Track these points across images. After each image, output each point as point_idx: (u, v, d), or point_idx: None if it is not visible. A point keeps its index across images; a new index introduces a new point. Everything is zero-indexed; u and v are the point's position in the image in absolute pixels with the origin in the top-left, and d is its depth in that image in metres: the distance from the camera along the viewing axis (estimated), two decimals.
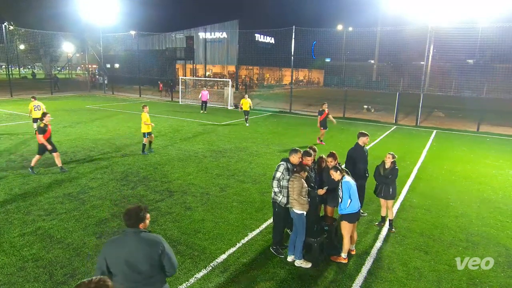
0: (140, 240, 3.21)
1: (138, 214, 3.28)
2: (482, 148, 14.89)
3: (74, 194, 8.13)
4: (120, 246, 3.19)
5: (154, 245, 3.20)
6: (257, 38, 47.54)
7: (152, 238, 3.26)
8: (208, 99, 23.70)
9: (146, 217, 3.34)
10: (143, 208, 3.34)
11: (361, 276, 5.38)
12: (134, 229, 3.25)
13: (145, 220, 3.32)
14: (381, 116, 24.09)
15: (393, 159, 6.70)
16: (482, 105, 21.49)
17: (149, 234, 3.29)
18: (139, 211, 3.30)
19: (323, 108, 14.28)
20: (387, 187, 6.72)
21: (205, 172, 10.10)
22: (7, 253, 5.62)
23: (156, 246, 3.19)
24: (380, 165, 6.87)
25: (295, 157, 5.68)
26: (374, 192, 7.09)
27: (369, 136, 7.35)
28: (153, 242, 3.21)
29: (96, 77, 44.90)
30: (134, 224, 3.26)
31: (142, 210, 3.31)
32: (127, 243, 3.19)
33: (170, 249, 3.29)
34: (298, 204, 5.39)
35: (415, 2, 37.13)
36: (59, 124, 16.95)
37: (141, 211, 3.30)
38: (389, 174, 6.67)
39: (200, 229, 6.65)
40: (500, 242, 6.59)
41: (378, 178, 6.88)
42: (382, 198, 6.91)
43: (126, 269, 3.13)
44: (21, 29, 36.16)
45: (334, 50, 39.24)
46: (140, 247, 3.17)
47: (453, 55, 29.53)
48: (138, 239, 3.21)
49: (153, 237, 3.28)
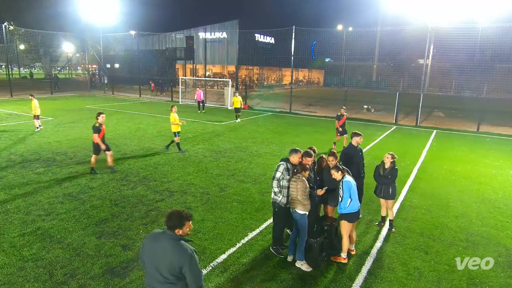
0: (170, 245, 3.18)
1: (177, 218, 3.21)
2: (482, 148, 14.89)
3: (74, 194, 8.13)
4: (154, 242, 3.26)
5: (179, 256, 3.13)
6: (257, 38, 47.53)
7: (180, 249, 3.16)
8: (202, 98, 23.87)
9: (185, 224, 3.22)
10: (184, 216, 3.24)
11: (361, 276, 5.38)
12: (171, 232, 3.22)
13: (183, 227, 3.22)
14: (381, 116, 24.09)
15: (392, 159, 6.70)
16: (482, 105, 21.48)
17: (183, 244, 3.19)
18: (180, 217, 3.22)
19: (341, 113, 13.43)
20: (387, 187, 6.73)
21: (205, 172, 10.10)
22: (7, 253, 5.62)
23: (180, 258, 3.12)
24: (380, 165, 6.88)
25: (295, 157, 5.68)
26: (374, 192, 7.09)
27: (362, 136, 7.38)
28: (179, 253, 3.14)
29: (96, 76, 44.92)
30: (171, 227, 3.22)
31: (183, 217, 3.22)
32: (160, 243, 3.22)
33: (197, 267, 3.17)
34: (301, 205, 5.39)
35: (415, 2, 37.14)
36: (59, 124, 16.95)
37: (182, 218, 3.22)
38: (389, 174, 6.68)
39: (200, 229, 6.65)
40: (500, 242, 6.59)
41: (378, 178, 6.87)
42: (382, 198, 6.92)
43: (152, 266, 3.22)
44: (21, 29, 36.14)
45: (334, 50, 39.21)
46: (167, 252, 3.17)
47: (453, 55, 29.51)
48: (169, 243, 3.18)
49: (182, 248, 3.16)
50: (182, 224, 3.21)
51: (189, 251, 3.16)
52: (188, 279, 3.13)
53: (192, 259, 3.14)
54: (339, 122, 13.42)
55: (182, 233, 3.24)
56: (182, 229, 3.22)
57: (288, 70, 49.69)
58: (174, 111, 12.18)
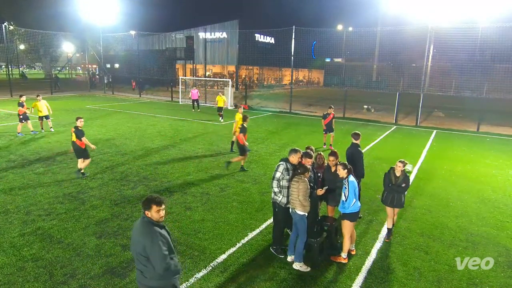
0: (139, 225, 3.41)
1: (145, 201, 3.41)
2: (482, 148, 14.89)
3: (74, 194, 8.13)
4: (134, 227, 3.52)
5: (142, 236, 3.31)
6: (257, 38, 47.51)
7: (144, 230, 3.33)
8: (198, 97, 23.96)
9: (151, 207, 3.37)
10: (151, 199, 3.40)
11: (361, 276, 5.38)
12: (143, 215, 3.41)
13: (150, 210, 3.37)
14: (381, 116, 24.09)
15: (403, 167, 6.28)
16: (482, 105, 21.47)
17: (149, 226, 3.35)
18: (148, 200, 3.40)
19: (328, 112, 13.60)
20: (399, 196, 6.31)
21: (205, 172, 10.10)
22: (7, 253, 5.62)
23: (143, 239, 3.30)
24: (390, 173, 6.39)
25: (294, 157, 5.68)
26: (382, 201, 6.63)
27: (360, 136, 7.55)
28: (143, 233, 3.32)
29: (96, 76, 44.93)
30: (143, 210, 3.41)
31: (150, 200, 3.39)
32: (135, 226, 3.50)
33: (157, 250, 3.27)
34: (301, 206, 5.37)
35: (415, 2, 37.13)
36: (59, 124, 16.94)
37: (149, 200, 3.39)
38: (402, 182, 6.25)
39: (200, 229, 6.65)
40: (500, 242, 6.59)
41: (390, 187, 6.35)
42: (391, 207, 6.42)
43: (132, 250, 3.47)
44: (21, 29, 36.15)
45: (334, 50, 39.21)
46: (137, 232, 3.41)
47: (453, 55, 29.50)
48: (139, 224, 3.43)
49: (146, 230, 3.32)
50: (148, 207, 3.36)
51: (152, 234, 3.29)
52: (151, 260, 3.28)
53: (153, 242, 3.25)
54: (324, 120, 13.65)
55: (151, 216, 3.38)
56: (149, 212, 3.37)
57: (288, 70, 49.69)
58: (240, 112, 12.24)
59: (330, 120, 13.59)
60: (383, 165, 11.51)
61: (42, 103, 14.70)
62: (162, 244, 3.30)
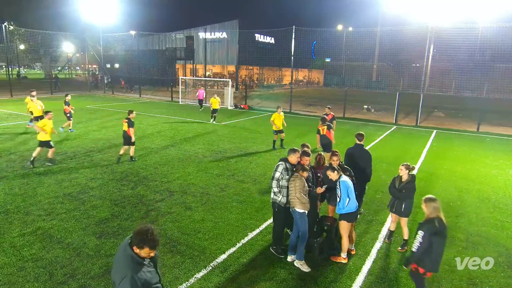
0: (120, 255, 3.02)
1: (140, 239, 2.94)
2: (482, 148, 14.89)
3: (74, 194, 8.13)
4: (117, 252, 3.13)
5: (119, 270, 2.96)
6: (257, 38, 47.51)
7: (125, 263, 2.94)
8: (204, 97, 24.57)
9: (143, 248, 2.95)
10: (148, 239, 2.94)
11: (361, 276, 5.38)
12: (129, 245, 3.00)
13: (141, 250, 2.96)
14: (381, 116, 24.09)
15: (406, 170, 6.00)
16: (482, 105, 21.48)
17: (131, 261, 2.94)
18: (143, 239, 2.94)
19: (326, 112, 13.49)
20: (400, 203, 6.06)
21: (205, 172, 10.09)
22: (7, 253, 5.61)
23: (119, 273, 2.94)
24: (397, 177, 6.22)
25: (293, 157, 5.68)
26: (387, 206, 6.54)
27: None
28: (121, 267, 2.95)
29: (97, 76, 44.93)
30: (132, 242, 3.00)
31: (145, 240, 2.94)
32: (119, 250, 3.09)
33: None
34: (299, 203, 5.39)
35: (415, 2, 37.11)
36: (59, 124, 16.94)
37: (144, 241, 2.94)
38: (403, 188, 6.01)
39: (200, 229, 6.65)
40: (500, 242, 6.59)
41: (392, 190, 6.21)
42: (391, 212, 6.30)
43: (111, 274, 3.10)
44: (21, 29, 36.17)
45: (334, 50, 39.20)
46: (118, 261, 3.04)
47: (453, 55, 29.52)
48: (120, 254, 3.02)
49: (126, 264, 2.93)
50: (140, 247, 2.95)
51: (128, 272, 2.88)
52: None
53: (124, 281, 2.85)
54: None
55: (139, 253, 2.98)
56: (139, 250, 2.96)
57: (288, 70, 49.70)
58: (279, 112, 12.98)
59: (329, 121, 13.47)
60: (383, 165, 11.51)
61: (37, 104, 14.50)
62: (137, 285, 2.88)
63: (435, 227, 4.26)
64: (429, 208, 4.38)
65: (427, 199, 4.47)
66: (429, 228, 4.27)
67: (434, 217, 4.33)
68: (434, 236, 4.25)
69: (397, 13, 37.57)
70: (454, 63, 32.70)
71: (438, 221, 4.30)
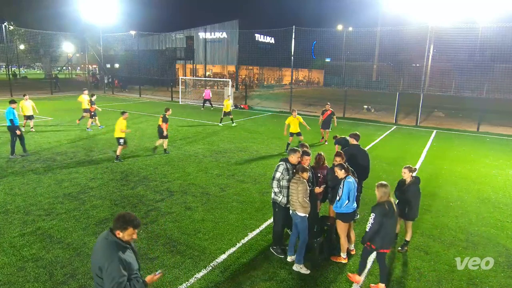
0: (102, 244, 3.07)
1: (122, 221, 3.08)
2: (482, 148, 14.89)
3: (74, 194, 8.13)
4: (96, 245, 3.20)
5: (103, 256, 3.00)
6: (257, 38, 47.52)
7: (107, 250, 3.00)
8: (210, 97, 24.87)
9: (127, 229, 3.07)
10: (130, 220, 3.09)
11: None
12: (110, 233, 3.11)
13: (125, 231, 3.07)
14: (381, 116, 24.10)
15: (410, 173, 5.98)
16: (482, 105, 21.47)
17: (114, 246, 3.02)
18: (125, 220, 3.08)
19: (325, 108, 14.53)
20: (403, 205, 6.01)
21: (205, 172, 10.09)
22: (7, 253, 5.62)
23: (102, 259, 2.98)
24: (401, 180, 6.22)
25: (293, 157, 5.68)
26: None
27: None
28: (105, 253, 3.00)
29: (97, 76, 44.94)
30: (113, 228, 3.11)
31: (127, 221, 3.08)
32: (97, 244, 3.16)
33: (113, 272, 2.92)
34: (301, 207, 5.34)
35: (415, 2, 37.11)
36: (59, 124, 16.96)
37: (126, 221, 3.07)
38: (406, 190, 5.98)
39: (200, 229, 6.65)
40: (500, 242, 6.59)
41: (396, 193, 6.21)
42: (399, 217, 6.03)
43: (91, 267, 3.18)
44: (21, 29, 36.15)
45: (334, 50, 39.19)
46: (98, 252, 3.09)
47: (453, 55, 29.51)
48: (102, 243, 3.09)
49: (110, 250, 3.00)
50: (124, 228, 3.07)
51: (113, 257, 2.96)
52: (104, 282, 2.95)
53: (111, 265, 2.93)
54: (322, 116, 14.46)
55: (121, 237, 3.08)
56: (123, 232, 3.08)
57: (288, 70, 49.71)
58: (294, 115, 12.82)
59: (327, 116, 14.37)
60: (383, 165, 11.51)
61: (28, 103, 14.66)
62: (121, 269, 2.96)
63: (385, 210, 4.77)
64: (380, 192, 4.88)
65: (379, 184, 4.97)
66: (380, 210, 4.78)
67: (384, 201, 4.84)
68: (384, 217, 4.77)
69: (397, 13, 37.59)
70: (454, 63, 32.68)
71: (387, 204, 4.81)
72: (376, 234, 4.83)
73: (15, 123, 10.95)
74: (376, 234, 4.83)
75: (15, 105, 11.26)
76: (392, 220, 4.83)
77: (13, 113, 10.99)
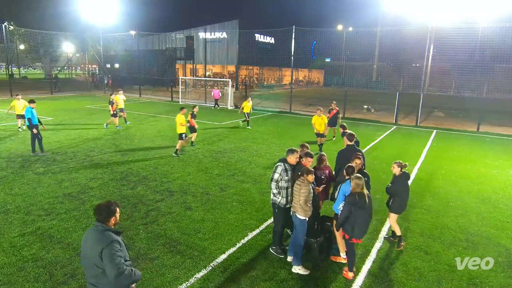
0: (94, 235, 3.26)
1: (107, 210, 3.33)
2: (482, 148, 14.89)
3: (74, 194, 8.13)
4: (85, 241, 3.33)
5: (100, 243, 3.17)
6: (257, 38, 47.52)
7: (102, 237, 3.20)
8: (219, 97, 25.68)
9: (116, 211, 3.39)
10: (112, 203, 3.41)
11: (361, 276, 5.38)
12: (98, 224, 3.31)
13: (113, 214, 3.36)
14: (381, 116, 24.10)
15: (398, 168, 6.11)
16: (482, 105, 21.49)
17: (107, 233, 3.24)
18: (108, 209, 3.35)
19: (332, 107, 15.15)
20: (390, 198, 6.27)
21: (205, 172, 10.10)
22: (7, 253, 5.61)
23: (100, 245, 3.15)
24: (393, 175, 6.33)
25: (292, 158, 5.62)
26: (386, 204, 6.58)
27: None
28: (101, 240, 3.18)
29: (96, 76, 44.97)
30: (102, 220, 3.32)
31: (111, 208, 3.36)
32: (88, 239, 3.30)
33: (114, 254, 3.11)
34: (301, 210, 5.28)
35: (415, 2, 37.11)
36: (59, 124, 16.96)
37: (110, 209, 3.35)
38: (392, 182, 6.20)
39: (200, 229, 6.65)
40: (500, 242, 6.59)
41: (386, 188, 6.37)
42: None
43: (85, 263, 3.31)
44: (21, 29, 36.15)
45: (334, 50, 39.24)
46: (89, 241, 3.25)
47: (453, 55, 29.52)
48: (93, 234, 3.28)
49: (104, 236, 3.20)
50: (112, 212, 3.34)
51: (111, 239, 3.19)
52: (105, 265, 3.10)
53: (111, 246, 3.14)
54: (329, 114, 14.87)
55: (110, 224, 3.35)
56: (112, 217, 3.36)
57: (288, 70, 49.72)
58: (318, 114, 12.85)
59: (333, 115, 14.91)
60: (383, 165, 11.51)
61: (20, 103, 14.75)
62: (118, 250, 3.17)
63: (355, 200, 5.06)
64: (353, 184, 5.14)
65: (354, 177, 5.19)
66: (350, 200, 5.10)
67: (356, 192, 5.09)
68: (353, 207, 5.05)
69: (397, 13, 37.57)
70: (454, 63, 32.70)
71: (358, 195, 5.07)
72: (346, 223, 5.13)
73: (33, 121, 11.22)
74: (347, 223, 5.13)
75: (34, 104, 11.47)
76: (362, 211, 5.06)
77: (31, 112, 11.24)
